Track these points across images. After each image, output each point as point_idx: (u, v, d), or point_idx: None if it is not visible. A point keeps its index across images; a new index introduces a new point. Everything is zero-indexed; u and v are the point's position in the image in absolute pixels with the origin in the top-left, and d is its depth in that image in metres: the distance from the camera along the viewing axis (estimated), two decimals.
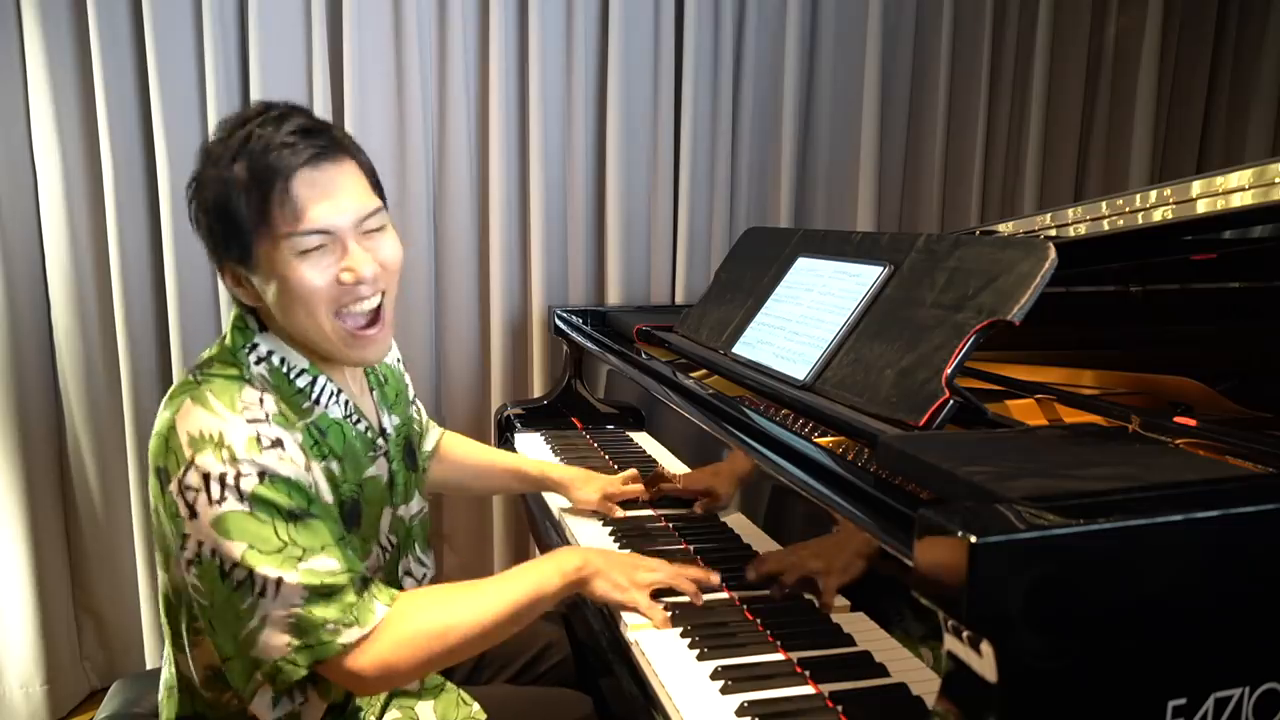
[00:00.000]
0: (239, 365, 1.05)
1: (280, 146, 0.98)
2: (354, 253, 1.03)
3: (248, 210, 0.99)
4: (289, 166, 0.98)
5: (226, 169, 0.99)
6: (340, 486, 1.09)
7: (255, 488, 0.95)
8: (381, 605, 1.00)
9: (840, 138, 2.54)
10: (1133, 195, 1.33)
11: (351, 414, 1.14)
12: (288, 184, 0.98)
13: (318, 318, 1.03)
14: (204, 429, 0.96)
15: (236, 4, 2.14)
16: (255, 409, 1.00)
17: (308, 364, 1.10)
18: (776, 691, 0.97)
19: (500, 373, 2.37)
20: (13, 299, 2.10)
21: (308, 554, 0.96)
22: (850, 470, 1.00)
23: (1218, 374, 1.40)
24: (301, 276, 1.01)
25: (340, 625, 0.96)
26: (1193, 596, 0.72)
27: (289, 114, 1.02)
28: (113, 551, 2.31)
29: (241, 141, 0.99)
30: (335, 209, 1.01)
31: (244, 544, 0.94)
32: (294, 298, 1.02)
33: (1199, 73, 2.73)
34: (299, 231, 0.99)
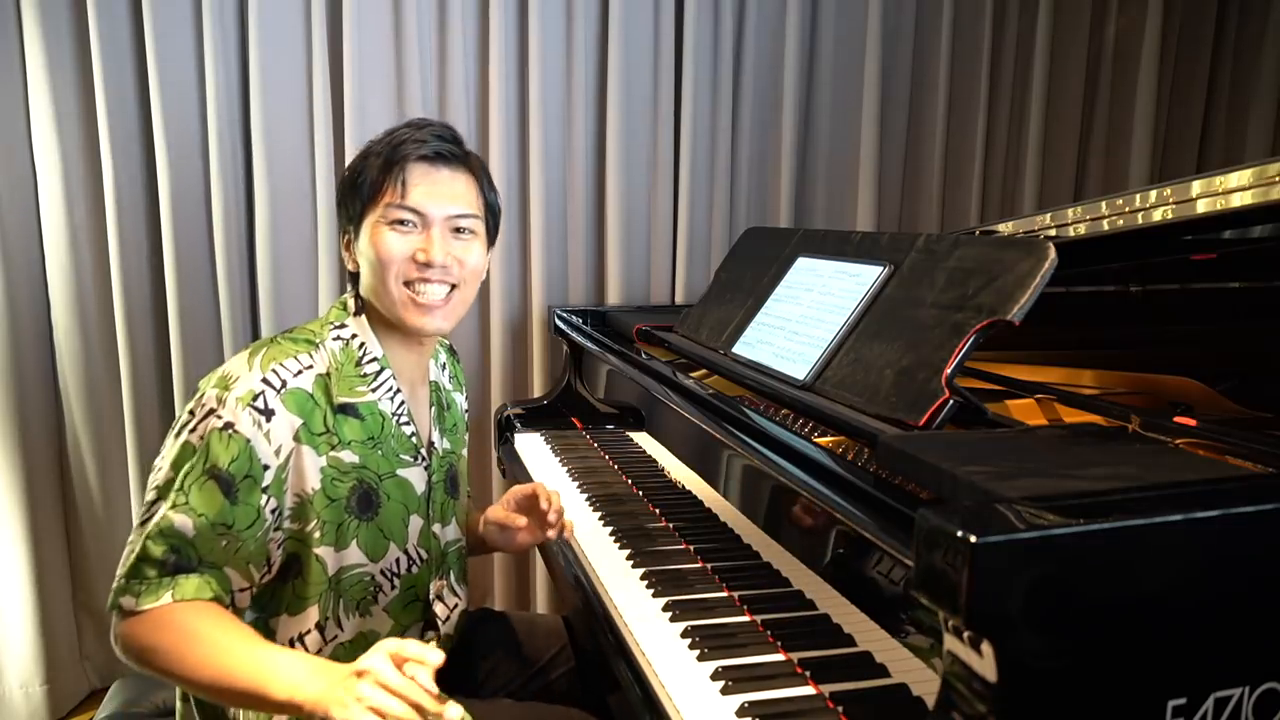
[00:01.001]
0: (319, 334, 1.18)
1: (414, 141, 1.18)
2: (435, 239, 1.18)
3: (369, 179, 1.17)
4: (411, 154, 1.17)
5: (369, 151, 1.20)
6: (348, 474, 1.15)
7: (214, 430, 1.05)
8: (168, 596, 1.03)
9: (840, 138, 2.55)
10: (1133, 195, 1.33)
11: (401, 414, 1.23)
12: (404, 166, 1.17)
13: (387, 282, 1.17)
14: (231, 371, 1.10)
15: (236, 4, 2.14)
16: (283, 374, 1.10)
17: (381, 355, 1.21)
18: (777, 692, 0.97)
19: (500, 373, 2.37)
20: (13, 299, 2.10)
21: (184, 508, 1.04)
22: (850, 470, 1.00)
23: (1218, 374, 1.40)
24: (385, 241, 1.16)
25: (126, 589, 1.03)
26: (1193, 596, 0.72)
27: (434, 125, 1.21)
28: (113, 551, 2.31)
29: (390, 135, 1.20)
30: (432, 197, 1.18)
31: (171, 474, 1.06)
32: (375, 260, 1.17)
33: (1199, 73, 2.73)
34: (396, 203, 1.16)
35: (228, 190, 2.15)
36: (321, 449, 1.12)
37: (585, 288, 2.41)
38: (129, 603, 1.03)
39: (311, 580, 1.14)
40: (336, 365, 1.16)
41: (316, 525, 1.13)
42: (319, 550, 1.14)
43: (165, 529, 1.04)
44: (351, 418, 1.16)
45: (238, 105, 2.17)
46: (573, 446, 1.89)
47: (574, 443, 1.93)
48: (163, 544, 1.04)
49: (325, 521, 1.14)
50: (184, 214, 2.16)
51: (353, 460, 1.15)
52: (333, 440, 1.14)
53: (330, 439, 1.14)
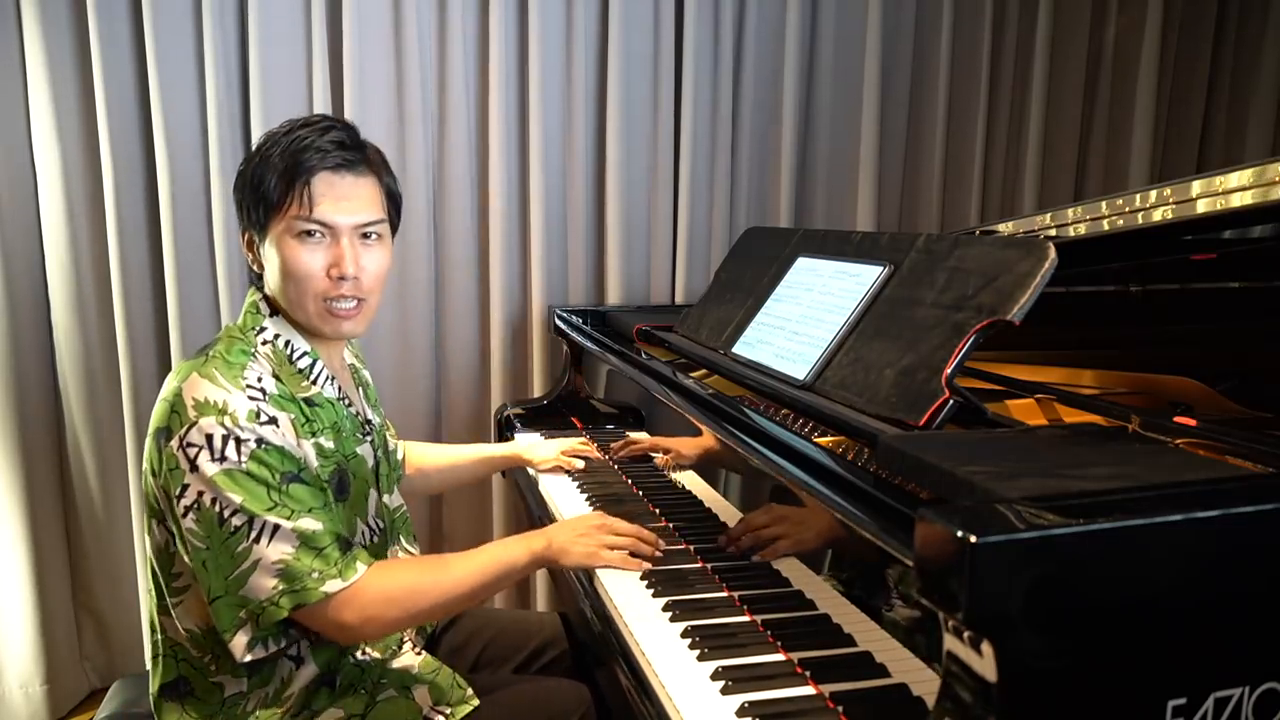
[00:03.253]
0: (247, 342, 1.18)
1: (315, 149, 1.16)
2: (345, 251, 1.18)
3: (273, 190, 1.16)
4: (315, 166, 1.16)
5: (269, 153, 1.17)
6: (330, 458, 1.20)
7: (254, 451, 1.07)
8: (362, 565, 1.11)
9: (840, 138, 2.54)
10: (1133, 195, 1.33)
11: (344, 397, 1.27)
12: (309, 179, 1.16)
13: (304, 299, 1.19)
14: (209, 397, 1.08)
15: (236, 4, 2.14)
16: (255, 386, 1.12)
17: (309, 348, 1.23)
18: (777, 692, 0.97)
19: (500, 372, 2.37)
20: (13, 299, 2.10)
21: (296, 513, 1.08)
22: (850, 470, 1.00)
23: (1218, 374, 1.40)
24: (296, 257, 1.17)
25: (324, 575, 1.07)
26: (1193, 596, 0.72)
27: (334, 127, 1.20)
28: (113, 551, 2.31)
29: (288, 137, 1.17)
30: (339, 209, 1.18)
31: (242, 496, 1.06)
32: (288, 273, 1.18)
33: (1199, 73, 2.73)
34: (303, 217, 1.16)
35: (228, 190, 2.15)
36: (309, 437, 1.17)
37: (585, 288, 2.41)
38: (335, 585, 1.07)
39: None
40: (277, 366, 1.18)
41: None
42: None
43: (304, 533, 1.08)
44: (315, 407, 1.20)
45: (238, 105, 2.17)
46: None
47: None
48: (321, 536, 1.08)
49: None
50: (184, 214, 2.16)
51: (330, 446, 1.20)
52: (314, 428, 1.18)
53: (312, 426, 1.18)
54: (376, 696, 1.23)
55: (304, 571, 1.06)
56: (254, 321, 1.21)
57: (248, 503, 1.05)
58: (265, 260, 1.21)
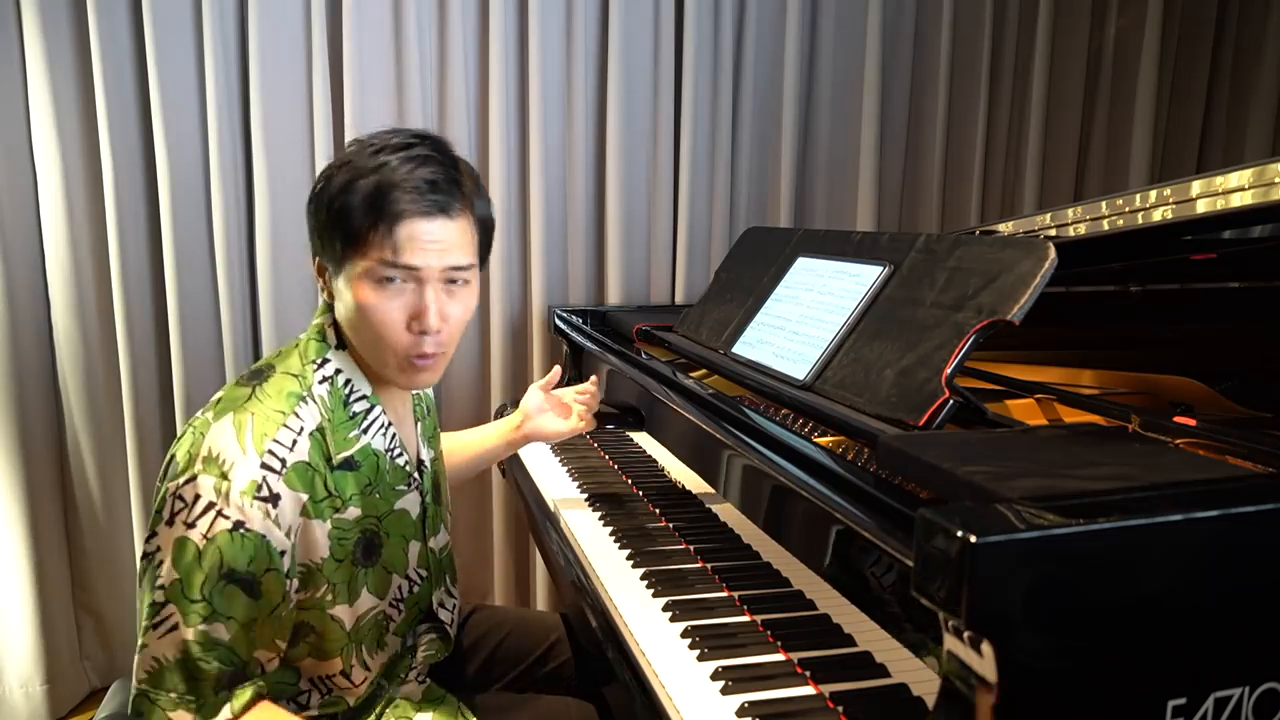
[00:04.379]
0: (304, 380, 1.08)
1: (406, 190, 1.04)
2: (429, 303, 1.07)
3: (357, 226, 1.04)
4: (405, 212, 1.04)
5: (353, 182, 1.05)
6: (351, 529, 1.10)
7: (222, 532, 0.97)
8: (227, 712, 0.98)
9: (840, 138, 2.54)
10: (1133, 195, 1.33)
11: (395, 447, 1.17)
12: (394, 226, 1.04)
13: (380, 350, 1.09)
14: (223, 453, 0.99)
15: (236, 4, 2.14)
16: (280, 451, 1.02)
17: (370, 391, 1.13)
18: (777, 692, 0.97)
19: (500, 373, 2.37)
20: (13, 299, 2.10)
21: (215, 617, 0.97)
22: (850, 470, 1.00)
23: (1218, 374, 1.40)
24: (376, 305, 1.06)
25: (179, 704, 0.97)
26: (1193, 596, 0.72)
27: (429, 160, 1.07)
28: (113, 551, 2.31)
29: (379, 166, 1.05)
30: (427, 254, 1.06)
31: (176, 576, 0.96)
32: (364, 319, 1.07)
33: (1199, 73, 2.73)
34: (386, 261, 1.05)
35: (228, 190, 2.15)
36: (326, 515, 1.06)
37: (585, 288, 2.41)
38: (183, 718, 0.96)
39: (330, 638, 1.10)
40: (328, 414, 1.08)
41: (327, 589, 1.08)
42: (333, 611, 1.10)
43: (205, 641, 0.96)
44: (349, 471, 1.09)
45: (238, 105, 2.17)
46: (573, 446, 1.89)
47: (574, 443, 1.92)
48: (213, 658, 0.97)
49: (336, 584, 1.09)
50: (184, 214, 2.16)
51: (355, 515, 1.10)
52: (335, 504, 1.07)
53: (334, 503, 1.07)
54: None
55: (165, 685, 0.96)
56: (318, 352, 1.11)
57: (176, 588, 0.96)
58: (337, 293, 1.10)
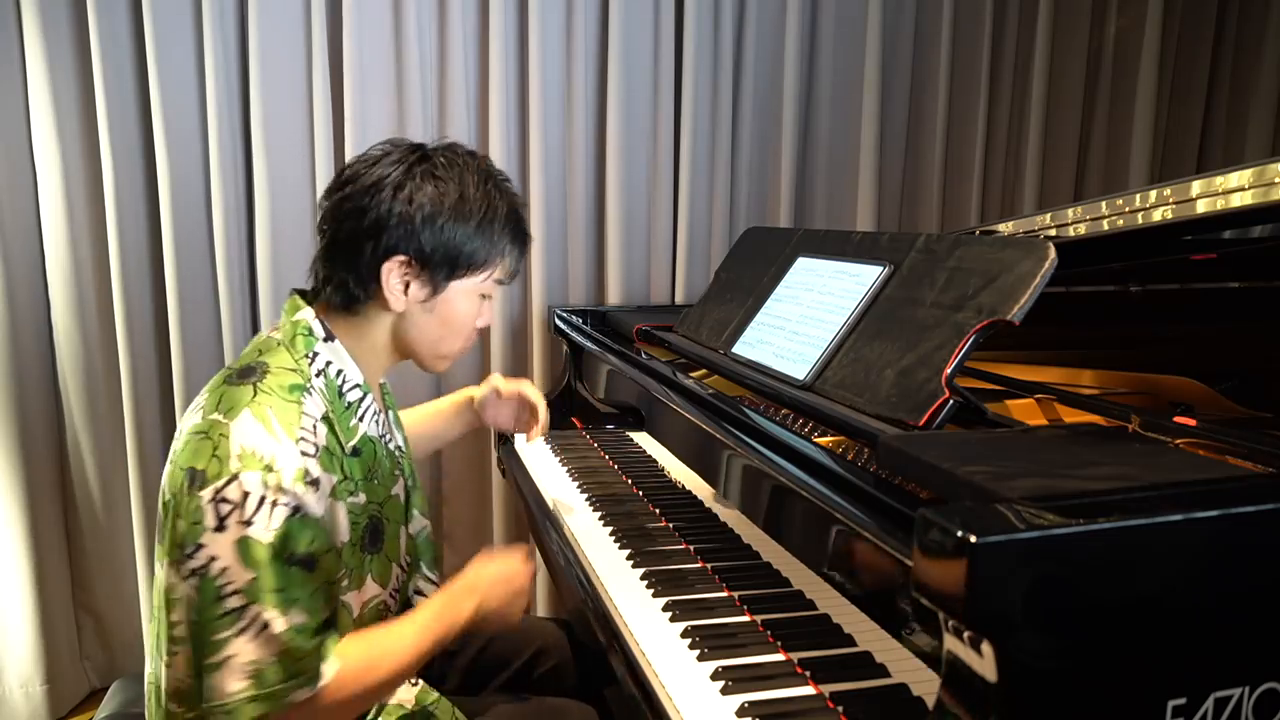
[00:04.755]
0: (301, 374, 1.09)
1: (522, 223, 1.19)
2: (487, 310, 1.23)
3: (485, 255, 1.15)
4: (523, 244, 1.20)
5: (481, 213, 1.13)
6: (361, 514, 1.13)
7: (286, 520, 0.98)
8: (331, 666, 1.02)
9: (840, 138, 2.54)
10: (1133, 195, 1.33)
11: (385, 434, 1.21)
12: (518, 255, 1.20)
13: (456, 344, 1.21)
14: (259, 449, 0.98)
15: (236, 4, 2.14)
16: (310, 439, 1.04)
17: (361, 380, 1.16)
18: (777, 692, 0.97)
19: (500, 372, 2.36)
20: (13, 299, 2.10)
21: (296, 604, 0.99)
22: (850, 470, 1.00)
23: (1218, 374, 1.40)
24: (471, 310, 1.18)
25: (294, 685, 0.99)
26: (1193, 596, 0.72)
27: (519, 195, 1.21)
28: (113, 551, 2.31)
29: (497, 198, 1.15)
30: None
31: (252, 575, 0.96)
32: (455, 327, 1.18)
33: (1199, 73, 2.73)
34: (504, 280, 1.20)
35: (228, 190, 2.15)
36: (344, 498, 1.09)
37: (585, 288, 2.41)
38: (306, 693, 1.00)
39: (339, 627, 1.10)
40: (329, 404, 1.10)
41: (344, 574, 1.11)
42: (346, 598, 1.12)
43: (297, 626, 0.99)
44: (355, 458, 1.13)
45: (238, 105, 2.17)
46: (573, 446, 1.89)
47: (574, 443, 1.93)
48: (304, 638, 1.00)
49: (351, 569, 1.12)
50: (184, 214, 2.16)
51: (363, 500, 1.14)
52: (350, 487, 1.11)
53: (349, 485, 1.11)
54: None
55: (275, 680, 0.98)
56: (306, 346, 1.12)
57: (252, 586, 0.96)
58: (419, 304, 1.14)
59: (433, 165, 1.13)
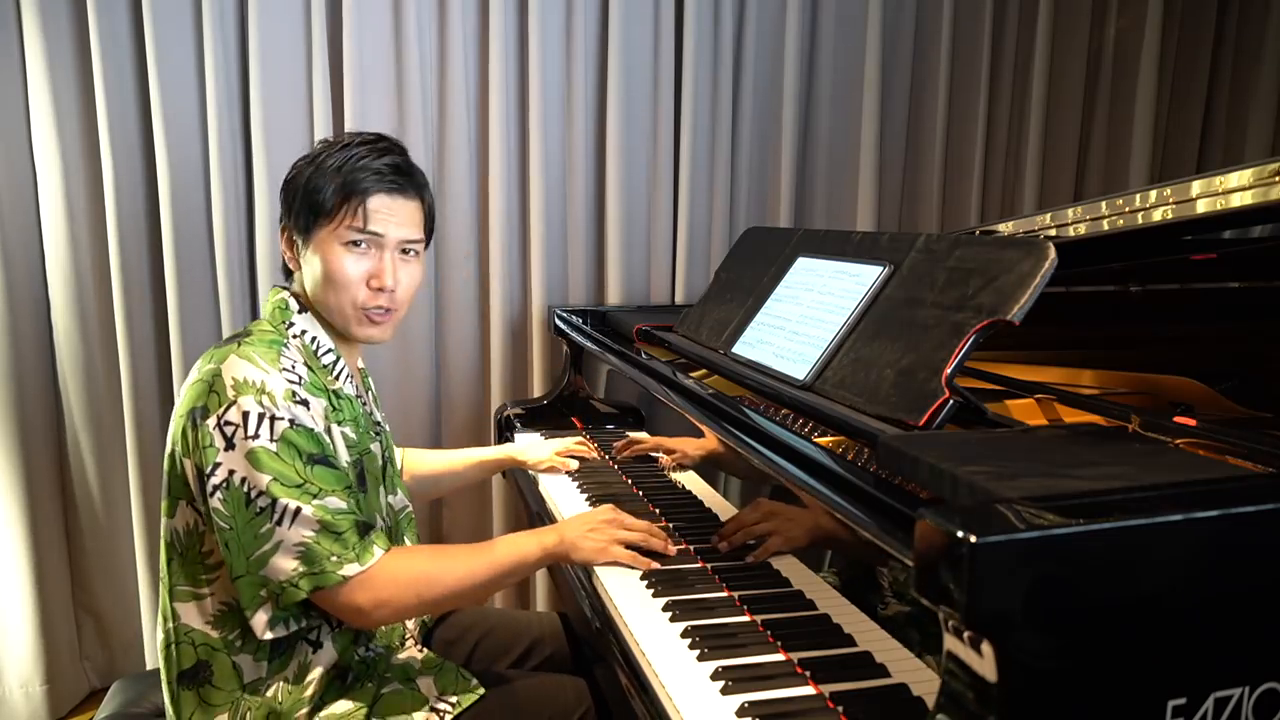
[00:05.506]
0: (279, 334, 1.24)
1: (374, 171, 1.25)
2: (386, 265, 1.27)
3: (328, 200, 1.24)
4: (373, 187, 1.25)
5: (325, 164, 1.25)
6: (353, 449, 1.26)
7: (285, 430, 1.12)
8: (380, 549, 1.14)
9: (840, 138, 2.54)
10: (1133, 195, 1.33)
11: (361, 395, 1.34)
12: (364, 198, 1.25)
13: (341, 301, 1.26)
14: (249, 376, 1.13)
15: (236, 4, 2.14)
16: (291, 371, 1.18)
17: (333, 346, 1.29)
18: (777, 692, 0.97)
19: (500, 372, 2.37)
20: (13, 299, 2.10)
21: (323, 493, 1.12)
22: (850, 470, 1.00)
23: (1218, 374, 1.40)
24: (341, 263, 1.25)
25: (343, 559, 1.11)
26: (1192, 596, 0.72)
27: (391, 150, 1.29)
28: (113, 551, 2.31)
29: (347, 152, 1.26)
30: (388, 224, 1.27)
31: (269, 476, 1.10)
32: (329, 277, 1.25)
33: (1199, 73, 2.73)
34: (356, 227, 1.25)
35: (228, 190, 2.15)
36: (337, 424, 1.22)
37: (585, 288, 2.41)
38: (353, 569, 1.11)
39: None
40: (308, 359, 1.24)
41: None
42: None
43: (328, 509, 1.11)
44: (341, 399, 1.26)
45: (238, 105, 2.17)
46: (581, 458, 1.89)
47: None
48: (342, 519, 1.12)
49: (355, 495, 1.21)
50: (184, 214, 2.16)
51: (352, 436, 1.26)
52: (339, 417, 1.24)
53: (339, 415, 1.24)
54: (382, 689, 1.26)
55: (323, 555, 1.10)
56: (283, 317, 1.27)
57: (274, 483, 1.09)
58: (304, 262, 1.28)
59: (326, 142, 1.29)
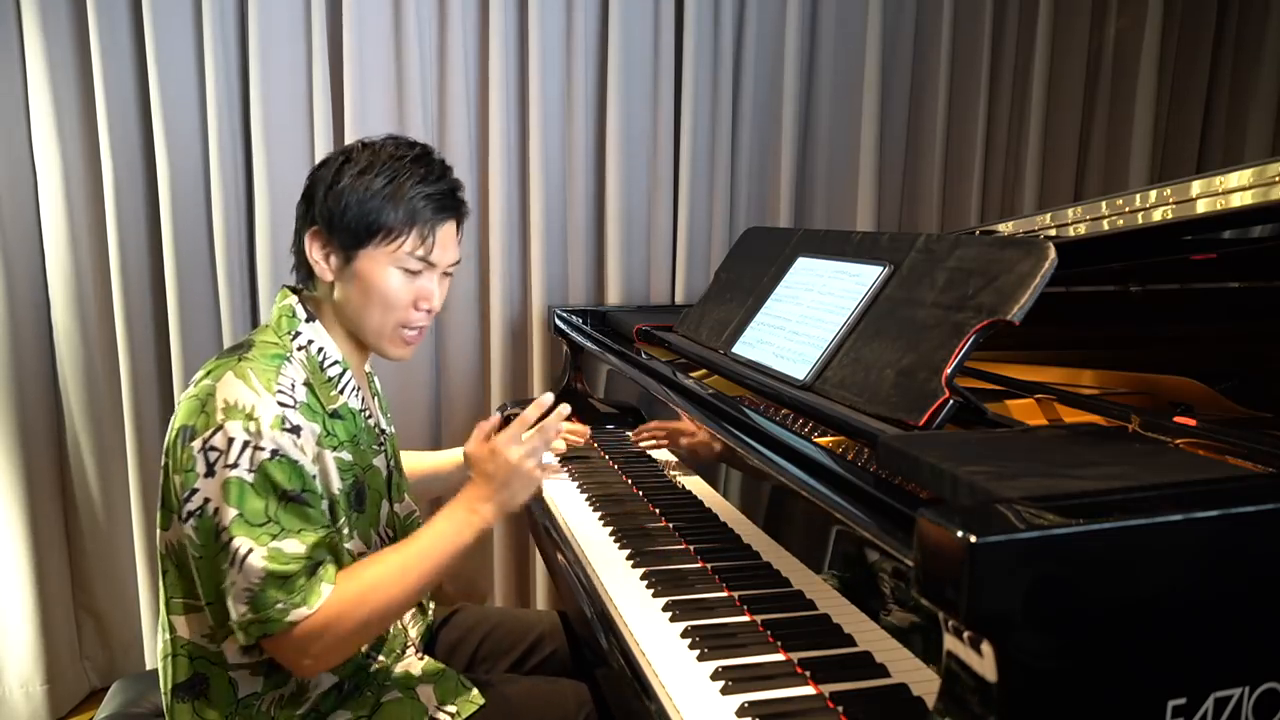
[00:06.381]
0: (283, 346, 1.19)
1: (440, 198, 1.21)
2: (436, 288, 1.25)
3: (387, 222, 1.18)
4: (440, 218, 1.22)
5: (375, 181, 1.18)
6: (348, 472, 1.22)
7: (265, 462, 1.07)
8: (327, 586, 1.10)
9: (840, 138, 2.54)
10: (1133, 195, 1.33)
11: (365, 409, 1.29)
12: (432, 228, 1.21)
13: (385, 320, 1.22)
14: (240, 400, 1.09)
15: (236, 4, 2.14)
16: (288, 392, 1.13)
17: (340, 358, 1.25)
18: (777, 692, 0.97)
19: (500, 373, 2.37)
20: (13, 299, 2.10)
21: (283, 534, 1.08)
22: (850, 470, 1.00)
23: (1218, 374, 1.40)
24: (392, 284, 1.21)
25: (289, 605, 1.07)
26: (1192, 596, 0.72)
27: (446, 172, 1.24)
28: (113, 551, 2.31)
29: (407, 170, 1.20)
30: (444, 253, 1.25)
31: (236, 511, 1.06)
32: (378, 297, 1.21)
33: (1199, 73, 2.73)
34: (417, 255, 1.21)
35: (228, 190, 2.15)
36: (331, 449, 1.18)
37: (585, 288, 2.41)
38: (300, 613, 1.07)
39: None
40: (310, 374, 1.20)
41: (346, 522, 1.20)
42: (348, 545, 1.21)
43: (279, 555, 1.07)
44: (338, 420, 1.21)
45: (238, 105, 2.17)
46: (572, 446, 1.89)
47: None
48: (291, 564, 1.07)
49: (347, 518, 1.21)
50: (184, 214, 2.16)
51: (348, 460, 1.22)
52: (334, 442, 1.19)
53: (333, 440, 1.19)
54: (381, 699, 1.24)
55: (269, 602, 1.06)
56: (290, 326, 1.22)
57: (238, 519, 1.06)
58: (343, 274, 1.21)
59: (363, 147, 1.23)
